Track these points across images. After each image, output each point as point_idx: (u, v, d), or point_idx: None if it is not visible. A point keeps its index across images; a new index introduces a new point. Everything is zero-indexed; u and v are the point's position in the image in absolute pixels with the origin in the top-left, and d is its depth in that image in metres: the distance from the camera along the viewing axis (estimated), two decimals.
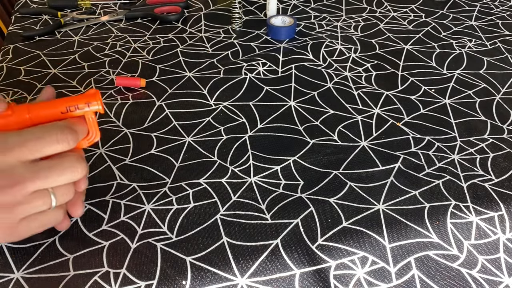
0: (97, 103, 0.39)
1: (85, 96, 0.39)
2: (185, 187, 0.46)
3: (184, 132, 0.53)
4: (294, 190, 0.46)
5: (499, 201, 0.45)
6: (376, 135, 0.53)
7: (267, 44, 0.71)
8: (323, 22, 0.77)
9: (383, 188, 0.46)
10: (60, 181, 0.36)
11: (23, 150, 0.34)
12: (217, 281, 0.38)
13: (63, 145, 0.36)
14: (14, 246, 0.41)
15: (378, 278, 0.38)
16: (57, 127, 0.36)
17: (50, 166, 0.36)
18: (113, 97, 0.59)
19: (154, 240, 0.41)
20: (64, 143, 0.36)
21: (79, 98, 0.39)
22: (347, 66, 0.66)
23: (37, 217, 0.37)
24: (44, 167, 0.35)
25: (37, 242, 0.41)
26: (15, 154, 0.34)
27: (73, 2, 0.80)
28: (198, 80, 0.62)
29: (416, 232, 0.42)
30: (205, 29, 0.75)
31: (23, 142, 0.35)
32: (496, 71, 0.65)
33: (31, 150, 0.35)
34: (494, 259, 0.40)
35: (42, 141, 0.35)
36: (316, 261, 0.40)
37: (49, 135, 0.36)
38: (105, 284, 0.38)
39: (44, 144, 0.35)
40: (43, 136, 0.35)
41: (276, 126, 0.54)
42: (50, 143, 0.36)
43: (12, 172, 0.34)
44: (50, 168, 0.36)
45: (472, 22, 0.78)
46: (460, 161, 0.50)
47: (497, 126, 0.55)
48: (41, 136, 0.35)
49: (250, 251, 0.40)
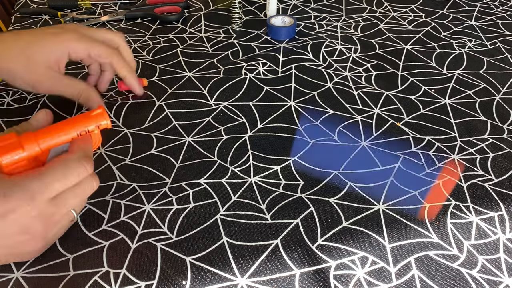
0: (106, 122, 0.39)
1: (93, 118, 0.38)
2: (185, 187, 0.46)
3: (184, 132, 0.53)
4: (294, 190, 0.46)
5: (499, 201, 0.45)
6: (376, 135, 0.53)
7: (267, 44, 0.71)
8: (323, 22, 0.77)
9: (383, 188, 0.46)
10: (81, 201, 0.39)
11: (46, 194, 0.35)
12: (217, 281, 0.38)
13: (83, 175, 0.38)
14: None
15: (378, 278, 0.38)
16: (75, 163, 0.37)
17: (75, 195, 0.37)
18: (113, 98, 0.59)
19: (154, 240, 0.41)
20: (84, 174, 0.37)
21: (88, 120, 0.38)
22: (347, 66, 0.66)
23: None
24: (68, 197, 0.37)
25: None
26: (39, 202, 0.35)
27: (73, 2, 0.80)
28: (198, 80, 0.62)
29: (416, 232, 0.42)
30: (205, 29, 0.75)
31: (45, 188, 0.35)
32: (496, 71, 0.65)
33: (53, 192, 0.36)
34: (494, 259, 0.40)
35: (64, 181, 0.36)
36: (316, 261, 0.40)
37: (70, 174, 0.36)
38: (105, 284, 0.38)
39: (67, 183, 0.36)
40: (65, 176, 0.36)
41: (276, 126, 0.54)
42: (71, 180, 0.37)
43: (40, 213, 0.35)
44: (74, 196, 0.37)
45: (472, 22, 0.78)
46: (460, 161, 0.50)
47: (497, 126, 0.55)
48: (63, 178, 0.36)
49: (250, 251, 0.40)
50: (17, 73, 0.50)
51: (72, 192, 0.37)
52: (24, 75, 0.50)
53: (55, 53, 0.51)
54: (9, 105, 0.57)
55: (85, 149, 0.38)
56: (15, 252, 0.37)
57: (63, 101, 0.58)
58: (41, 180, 0.35)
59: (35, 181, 0.34)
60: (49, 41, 0.50)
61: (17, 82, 0.51)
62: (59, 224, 0.38)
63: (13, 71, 0.50)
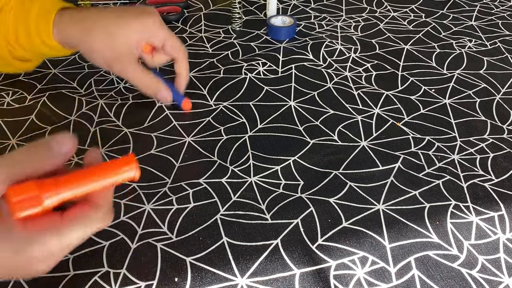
0: (134, 175, 0.32)
1: (123, 170, 0.31)
2: (185, 187, 0.46)
3: (184, 132, 0.53)
4: (294, 190, 0.46)
5: (499, 201, 0.45)
6: (376, 135, 0.53)
7: (267, 44, 0.71)
8: (323, 22, 0.77)
9: (383, 188, 0.46)
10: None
11: (62, 254, 0.31)
12: (217, 281, 0.38)
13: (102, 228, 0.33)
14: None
15: (378, 278, 0.38)
16: (99, 222, 0.32)
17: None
18: (113, 98, 0.59)
19: (154, 240, 0.41)
20: (103, 227, 0.33)
21: (117, 173, 0.31)
22: (347, 66, 0.66)
23: None
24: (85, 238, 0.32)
25: None
26: (54, 261, 0.31)
27: (73, 2, 0.80)
28: (198, 80, 0.62)
29: (416, 232, 0.42)
30: (205, 29, 0.75)
31: (63, 249, 0.30)
32: (496, 71, 0.65)
33: (70, 249, 0.31)
34: (494, 259, 0.40)
35: (83, 238, 0.31)
36: (316, 261, 0.40)
37: (91, 231, 0.32)
38: (105, 284, 0.38)
39: (84, 239, 0.32)
40: (85, 235, 0.31)
41: (276, 126, 0.54)
42: (89, 235, 0.32)
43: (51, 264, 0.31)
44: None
45: (472, 22, 0.78)
46: (460, 161, 0.50)
47: (497, 126, 0.55)
48: (83, 237, 0.31)
49: (250, 251, 0.40)
50: (97, 48, 0.51)
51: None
52: (103, 51, 0.51)
53: (137, 35, 0.52)
54: (9, 105, 0.57)
55: (110, 201, 0.33)
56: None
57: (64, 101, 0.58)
58: (60, 239, 0.30)
59: (54, 239, 0.30)
60: (133, 22, 0.51)
61: (94, 57, 0.52)
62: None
63: (94, 46, 0.51)
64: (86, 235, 0.31)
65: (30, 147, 0.30)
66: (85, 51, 0.52)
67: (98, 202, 0.31)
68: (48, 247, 0.29)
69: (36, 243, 0.29)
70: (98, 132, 0.53)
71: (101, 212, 0.32)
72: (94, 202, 0.31)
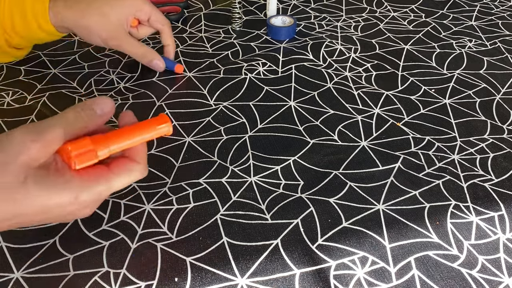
0: (168, 130, 0.37)
1: (159, 127, 0.37)
2: (185, 187, 0.46)
3: (184, 132, 0.53)
4: (294, 190, 0.46)
5: (499, 201, 0.45)
6: (376, 135, 0.53)
7: (267, 44, 0.71)
8: (323, 22, 0.77)
9: (383, 188, 0.46)
10: None
11: (107, 196, 0.36)
12: (217, 281, 0.38)
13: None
14: (14, 246, 0.41)
15: (378, 278, 0.38)
16: (138, 175, 0.36)
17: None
18: (113, 98, 0.59)
19: (154, 240, 0.41)
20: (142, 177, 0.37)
21: (154, 128, 0.36)
22: (347, 66, 0.66)
23: None
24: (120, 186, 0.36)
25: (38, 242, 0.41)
26: (100, 202, 0.36)
27: None
28: (198, 80, 0.62)
29: (416, 232, 0.42)
30: (205, 29, 0.75)
31: (109, 192, 0.35)
32: (496, 71, 0.65)
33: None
34: (494, 259, 0.40)
35: (124, 186, 0.36)
36: (316, 261, 0.40)
37: (131, 181, 0.36)
38: (105, 284, 0.38)
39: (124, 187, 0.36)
40: (126, 184, 0.36)
41: (276, 126, 0.54)
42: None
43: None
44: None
45: (472, 22, 0.78)
46: (460, 161, 0.50)
47: (497, 126, 0.55)
48: (124, 185, 0.36)
49: (250, 251, 0.40)
50: (94, 29, 0.57)
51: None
52: (100, 31, 0.57)
53: (126, 11, 0.58)
54: (9, 105, 0.57)
55: (146, 156, 0.37)
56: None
57: (64, 101, 0.58)
58: (109, 186, 0.34)
59: (104, 186, 0.34)
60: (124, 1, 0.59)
61: (92, 37, 0.58)
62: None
63: (91, 27, 0.57)
64: (127, 184, 0.36)
65: (77, 109, 0.34)
66: (81, 33, 0.58)
67: (137, 157, 0.36)
68: (99, 194, 0.34)
69: (91, 190, 0.33)
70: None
71: (141, 167, 0.36)
72: (135, 157, 0.36)
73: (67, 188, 0.32)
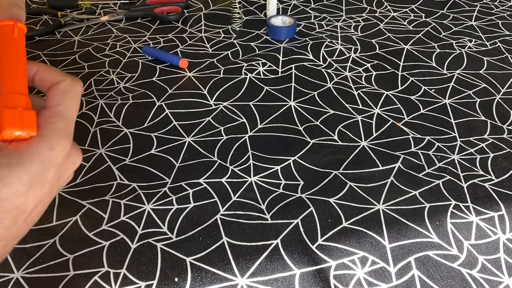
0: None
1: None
2: (185, 187, 0.46)
3: (184, 132, 0.53)
4: (294, 190, 0.46)
5: (499, 201, 0.45)
6: (376, 135, 0.53)
7: (267, 44, 0.71)
8: (323, 22, 0.77)
9: (383, 188, 0.46)
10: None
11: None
12: (217, 281, 0.38)
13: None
14: (14, 246, 0.41)
15: (378, 278, 0.38)
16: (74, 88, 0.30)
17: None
18: (113, 98, 0.59)
19: (154, 240, 0.41)
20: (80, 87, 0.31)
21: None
22: (347, 66, 0.66)
23: None
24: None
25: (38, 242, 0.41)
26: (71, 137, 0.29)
27: (73, 2, 0.80)
28: (198, 80, 0.62)
29: (416, 232, 0.42)
30: (205, 29, 0.75)
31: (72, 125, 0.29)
32: (496, 71, 0.65)
33: None
34: (494, 259, 0.40)
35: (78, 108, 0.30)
36: (316, 261, 0.40)
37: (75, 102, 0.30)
38: (105, 284, 0.38)
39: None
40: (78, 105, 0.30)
41: (276, 126, 0.54)
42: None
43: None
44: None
45: (472, 22, 0.78)
46: (460, 161, 0.50)
47: (497, 126, 0.55)
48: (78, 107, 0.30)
49: (250, 251, 0.40)
50: None
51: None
52: None
53: None
54: None
55: (58, 71, 0.31)
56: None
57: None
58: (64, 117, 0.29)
59: (59, 120, 0.29)
60: None
61: None
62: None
63: None
64: (77, 104, 0.30)
65: None
66: None
67: (58, 80, 0.30)
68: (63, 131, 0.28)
69: (53, 131, 0.28)
70: (98, 132, 0.53)
71: (68, 81, 0.30)
72: (56, 82, 0.30)
73: (33, 146, 0.27)
